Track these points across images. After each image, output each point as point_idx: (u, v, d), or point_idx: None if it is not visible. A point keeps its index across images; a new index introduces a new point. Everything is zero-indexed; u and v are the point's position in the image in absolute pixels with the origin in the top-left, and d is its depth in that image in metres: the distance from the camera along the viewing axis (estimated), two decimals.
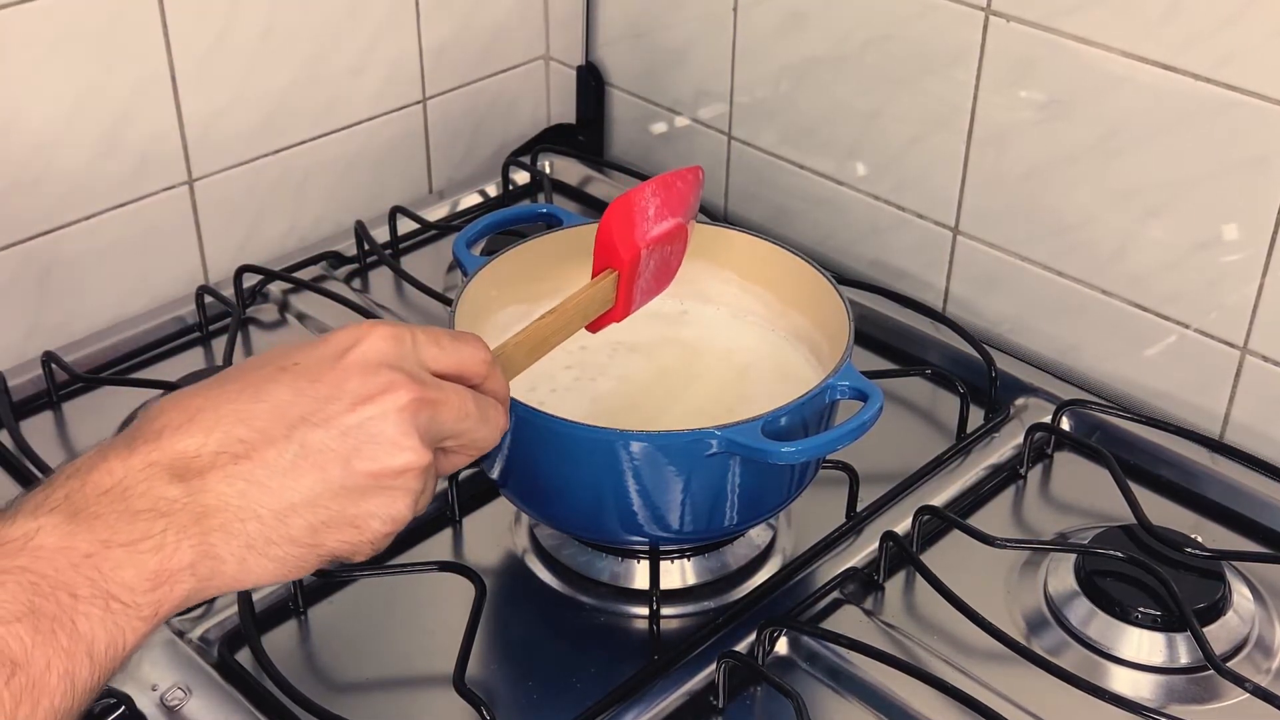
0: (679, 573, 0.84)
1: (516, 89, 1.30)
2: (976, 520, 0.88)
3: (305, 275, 1.11)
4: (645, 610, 0.81)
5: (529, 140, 1.31)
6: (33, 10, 0.96)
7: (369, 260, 1.15)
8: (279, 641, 0.80)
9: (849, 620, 0.82)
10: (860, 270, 1.13)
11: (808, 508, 0.88)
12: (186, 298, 1.08)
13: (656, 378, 0.86)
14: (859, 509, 0.89)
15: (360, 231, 1.14)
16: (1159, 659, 0.79)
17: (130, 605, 0.51)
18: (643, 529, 0.77)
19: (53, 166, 1.02)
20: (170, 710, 0.74)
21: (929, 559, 0.85)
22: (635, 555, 0.84)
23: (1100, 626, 0.81)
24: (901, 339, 1.05)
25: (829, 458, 0.86)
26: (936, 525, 0.88)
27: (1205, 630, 0.78)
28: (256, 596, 0.81)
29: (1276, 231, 0.89)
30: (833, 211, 1.14)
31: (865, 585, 0.85)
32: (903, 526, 0.87)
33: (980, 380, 0.98)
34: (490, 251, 0.88)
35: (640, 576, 0.84)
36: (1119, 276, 0.98)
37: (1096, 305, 1.00)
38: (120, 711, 0.74)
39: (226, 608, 0.81)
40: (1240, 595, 0.82)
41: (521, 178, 1.27)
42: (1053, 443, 0.96)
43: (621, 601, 0.83)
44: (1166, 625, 0.80)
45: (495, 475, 0.80)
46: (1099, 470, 0.91)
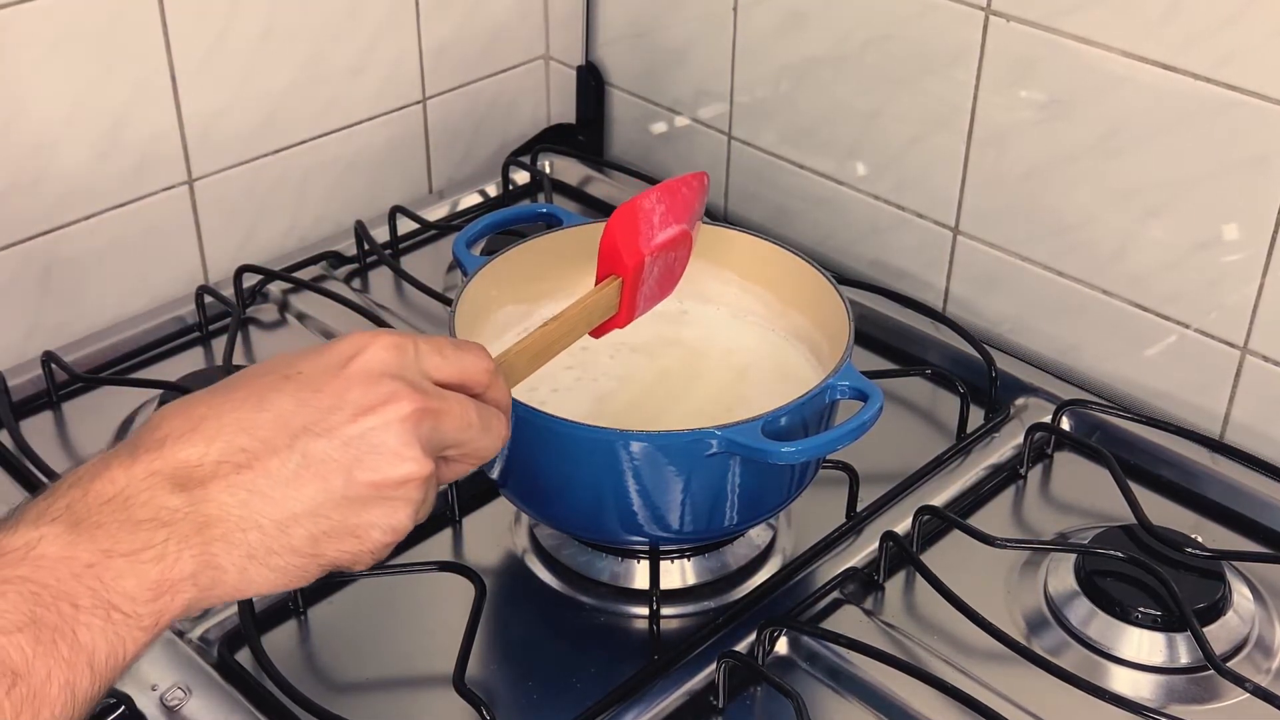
0: (679, 573, 0.84)
1: (516, 89, 1.30)
2: (976, 520, 0.88)
3: (305, 275, 1.11)
4: (645, 610, 0.81)
5: (529, 140, 1.31)
6: (33, 10, 0.96)
7: (369, 260, 1.15)
8: (279, 641, 0.80)
9: (849, 620, 0.82)
10: (860, 270, 1.13)
11: (808, 508, 0.88)
12: (186, 298, 1.08)
13: (657, 378, 0.86)
14: (859, 509, 0.89)
15: (360, 231, 1.14)
16: (1159, 659, 0.79)
17: (131, 615, 0.51)
18: (643, 529, 0.77)
19: (53, 166, 1.02)
20: (170, 710, 0.74)
21: (929, 559, 0.85)
22: (635, 555, 0.84)
23: (1100, 626, 0.81)
24: (901, 339, 1.05)
25: (829, 458, 0.86)
26: (936, 525, 0.88)
27: (1205, 630, 0.78)
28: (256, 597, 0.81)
29: (1277, 231, 0.89)
30: (833, 211, 1.14)
31: (865, 585, 0.85)
32: (903, 526, 0.87)
33: (980, 380, 0.98)
34: (490, 251, 0.88)
35: (640, 576, 0.84)
36: (1119, 276, 0.98)
37: (1097, 305, 1.00)
38: (120, 711, 0.74)
39: (226, 608, 0.80)
40: (1240, 595, 0.82)
41: (521, 178, 1.27)
42: (1053, 443, 0.96)
43: (621, 601, 0.83)
44: (1166, 625, 0.80)
45: (495, 475, 0.80)
46: (1099, 470, 0.91)
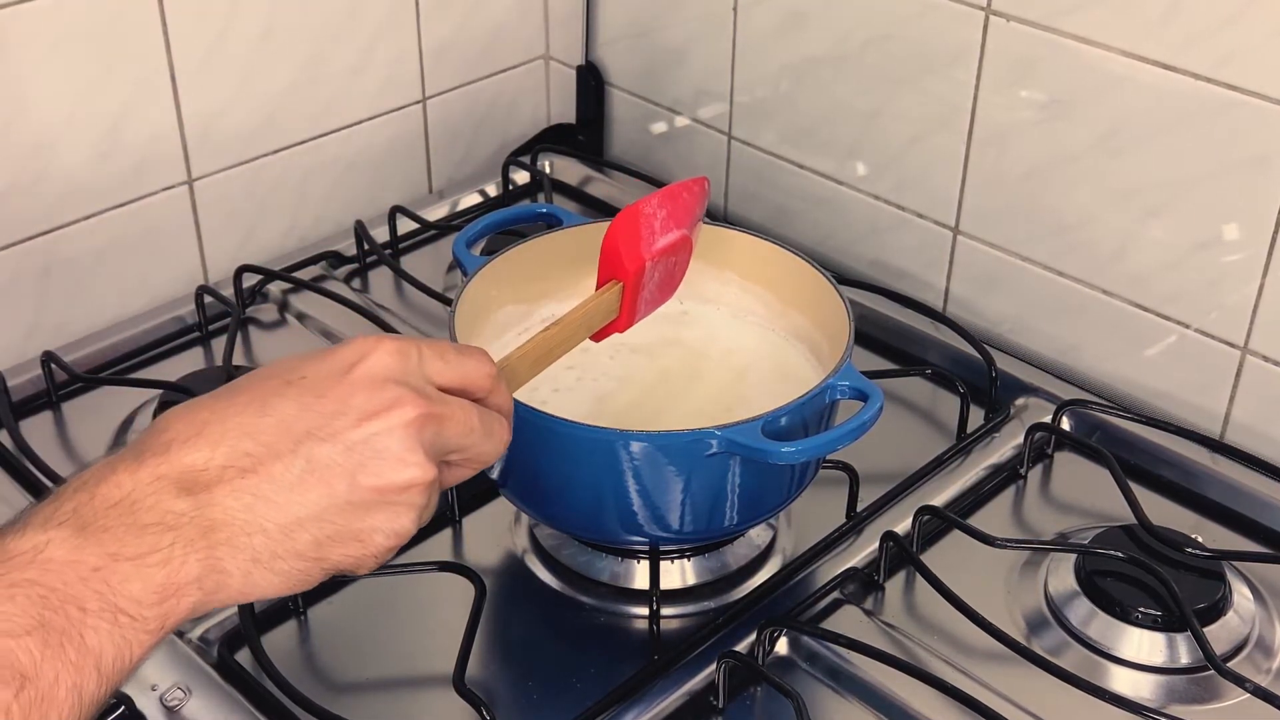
0: (679, 573, 0.84)
1: (516, 89, 1.30)
2: (976, 520, 0.88)
3: (305, 275, 1.11)
4: (645, 610, 0.81)
5: (529, 140, 1.31)
6: (33, 10, 0.96)
7: (369, 260, 1.15)
8: (279, 641, 0.80)
9: (849, 620, 0.82)
10: (860, 270, 1.13)
11: (808, 508, 0.88)
12: (186, 298, 1.08)
13: (658, 378, 0.86)
14: (859, 509, 0.89)
15: (360, 231, 1.14)
16: (1159, 659, 0.79)
17: (137, 619, 0.52)
18: (643, 529, 0.77)
19: (53, 166, 1.02)
20: (170, 710, 0.74)
21: (929, 559, 0.85)
22: (635, 555, 0.84)
23: (1100, 626, 0.81)
24: (901, 339, 1.05)
25: (829, 458, 0.86)
26: (936, 525, 0.88)
27: (1205, 630, 0.78)
28: None
29: (1277, 231, 0.89)
30: (833, 211, 1.14)
31: (865, 585, 0.85)
32: (903, 526, 0.87)
33: (980, 380, 0.98)
34: (490, 251, 0.88)
35: (640, 576, 0.84)
36: (1119, 276, 0.98)
37: (1097, 305, 1.00)
38: (120, 711, 0.74)
39: (226, 608, 0.80)
40: (1240, 595, 0.82)
41: (521, 178, 1.27)
42: (1053, 443, 0.96)
43: (621, 601, 0.83)
44: (1167, 625, 0.80)
45: (495, 475, 0.80)
46: (1099, 470, 0.91)
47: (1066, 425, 0.96)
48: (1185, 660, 0.79)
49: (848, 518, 0.88)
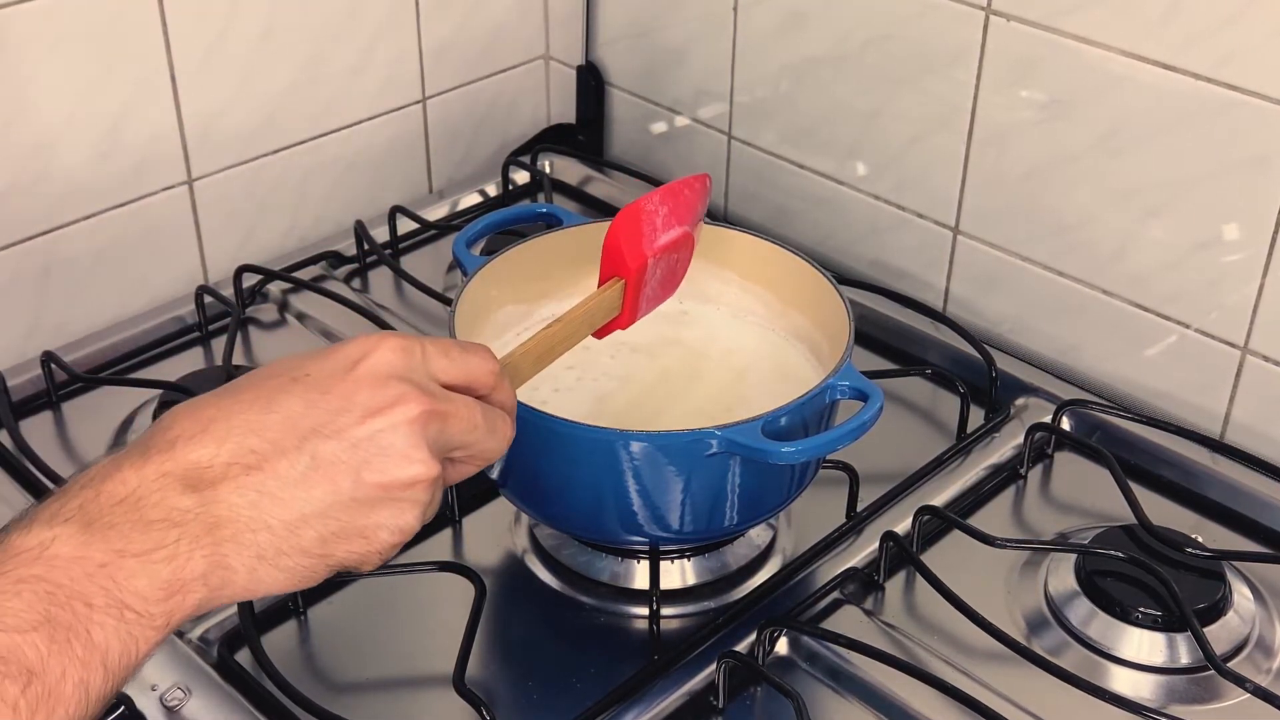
0: (679, 573, 0.84)
1: (516, 89, 1.30)
2: (976, 520, 0.88)
3: (305, 275, 1.11)
4: (645, 610, 0.81)
5: (529, 140, 1.31)
6: (33, 10, 0.96)
7: (369, 260, 1.15)
8: (279, 641, 0.80)
9: (849, 620, 0.82)
10: (860, 270, 1.13)
11: (808, 508, 0.88)
12: (186, 298, 1.08)
13: (658, 378, 0.86)
14: (859, 509, 0.89)
15: (360, 231, 1.14)
16: (1159, 659, 0.79)
17: (143, 615, 0.52)
18: (643, 529, 0.77)
19: (53, 166, 1.02)
20: (170, 710, 0.74)
21: (929, 559, 0.85)
22: (635, 555, 0.84)
23: (1100, 626, 0.81)
24: (901, 339, 1.05)
25: (829, 458, 0.86)
26: (936, 525, 0.88)
27: (1206, 630, 0.78)
28: None
29: (1277, 231, 0.89)
30: (833, 211, 1.14)
31: (865, 585, 0.85)
32: (903, 526, 0.87)
33: (980, 380, 0.98)
34: (490, 251, 0.88)
35: (640, 576, 0.84)
36: (1119, 276, 0.98)
37: (1097, 305, 1.00)
38: (120, 711, 0.74)
39: (226, 608, 0.80)
40: (1241, 595, 0.82)
41: (521, 177, 1.27)
42: (1053, 443, 0.96)
43: (621, 601, 0.83)
44: (1167, 625, 0.80)
45: (495, 475, 0.80)
46: (1099, 470, 0.91)
47: (1066, 425, 0.96)
48: (1185, 660, 0.79)
49: (848, 518, 0.88)
